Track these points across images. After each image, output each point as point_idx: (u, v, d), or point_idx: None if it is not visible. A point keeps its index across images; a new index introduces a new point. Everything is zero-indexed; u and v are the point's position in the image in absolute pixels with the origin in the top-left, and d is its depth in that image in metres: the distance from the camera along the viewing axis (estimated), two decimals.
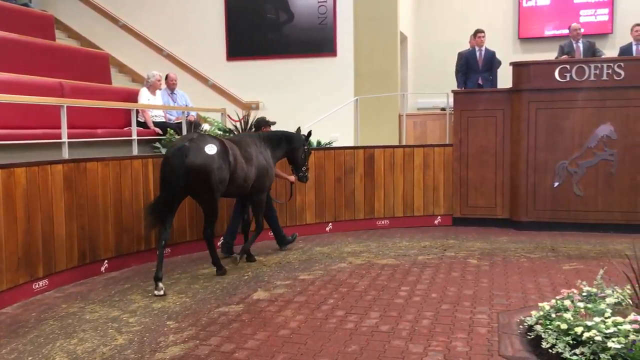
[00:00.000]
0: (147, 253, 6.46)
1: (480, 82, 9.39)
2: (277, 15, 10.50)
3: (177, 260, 6.60)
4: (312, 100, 10.06)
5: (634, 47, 9.03)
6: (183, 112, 7.87)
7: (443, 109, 9.64)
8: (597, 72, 7.83)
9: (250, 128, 7.85)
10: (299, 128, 6.95)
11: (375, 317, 4.47)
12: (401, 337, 4.05)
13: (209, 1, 10.71)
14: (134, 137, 6.74)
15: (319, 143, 8.23)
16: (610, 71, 7.80)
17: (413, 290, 5.19)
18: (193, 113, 8.27)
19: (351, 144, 9.18)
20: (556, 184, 8.06)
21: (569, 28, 9.48)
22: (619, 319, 3.58)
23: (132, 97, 7.94)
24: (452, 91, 8.89)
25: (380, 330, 4.19)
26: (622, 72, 7.75)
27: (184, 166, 5.38)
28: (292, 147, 6.77)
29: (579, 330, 3.51)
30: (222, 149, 5.68)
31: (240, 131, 7.87)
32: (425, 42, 12.92)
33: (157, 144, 7.14)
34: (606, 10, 12.14)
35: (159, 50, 10.84)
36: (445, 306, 4.73)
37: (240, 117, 8.26)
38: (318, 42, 10.25)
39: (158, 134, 7.45)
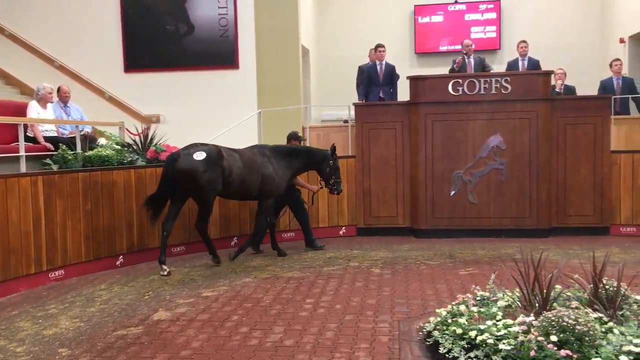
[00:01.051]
0: (37, 276, 6.07)
1: (381, 95, 9.66)
2: (176, 27, 10.31)
3: (71, 282, 6.25)
4: (214, 113, 9.95)
5: (520, 62, 9.65)
6: (77, 127, 7.50)
7: (346, 121, 9.82)
8: (487, 86, 8.29)
9: (151, 142, 7.68)
10: (333, 145, 7.44)
11: (279, 332, 4.44)
12: (305, 350, 4.05)
13: (105, 11, 10.35)
14: (22, 153, 6.33)
15: None
16: (498, 85, 8.28)
17: (318, 302, 5.22)
18: (88, 127, 7.91)
19: None
20: (452, 192, 8.42)
21: (461, 44, 9.97)
22: (509, 321, 3.77)
23: (21, 110, 7.46)
24: (354, 104, 9.09)
25: (284, 345, 4.17)
26: (509, 86, 8.25)
27: (173, 169, 6.44)
28: (313, 161, 7.36)
29: (472, 334, 3.66)
30: (214, 156, 6.52)
31: (140, 145, 7.67)
32: (327, 56, 13.15)
33: (48, 160, 6.75)
34: (494, 28, 12.92)
35: (50, 61, 10.31)
36: (349, 317, 4.78)
37: (140, 130, 8.02)
38: (220, 54, 10.17)
39: (49, 150, 7.05)
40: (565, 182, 8.33)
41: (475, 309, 4.11)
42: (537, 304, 3.98)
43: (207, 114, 9.98)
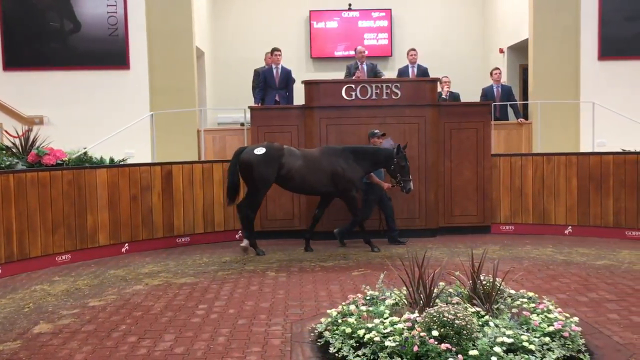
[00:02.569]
0: None
1: (277, 99, 9.71)
2: (61, 24, 9.78)
3: None
4: (104, 115, 9.56)
5: (410, 69, 10.05)
6: None
7: (243, 125, 9.77)
8: (378, 91, 8.56)
9: (32, 144, 7.31)
10: (398, 145, 7.61)
11: (170, 340, 4.34)
12: (196, 357, 3.99)
13: None
14: None
15: (112, 160, 7.83)
16: (389, 91, 8.57)
17: (211, 308, 5.15)
18: None
19: (148, 161, 8.88)
20: None
21: (354, 50, 10.24)
22: (396, 318, 3.92)
23: None
24: (249, 107, 9.07)
25: (174, 353, 4.08)
26: (399, 92, 8.57)
27: (237, 161, 7.48)
28: (378, 160, 7.70)
29: (361, 332, 3.77)
30: (274, 153, 7.40)
31: (20, 149, 7.24)
32: (223, 58, 13.03)
33: None
34: (386, 35, 13.38)
35: None
36: (242, 321, 4.76)
37: (20, 132, 7.56)
38: (109, 54, 9.77)
39: None
40: (451, 184, 8.76)
41: (364, 308, 4.24)
42: (421, 301, 4.17)
43: (95, 116, 9.57)
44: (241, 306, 5.19)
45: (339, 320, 4.06)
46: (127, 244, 7.81)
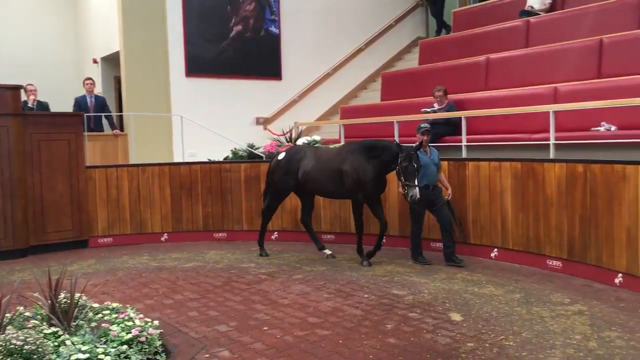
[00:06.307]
0: None
1: None
2: None
3: None
4: None
5: None
6: None
7: None
8: None
9: None
10: (397, 143, 6.67)
11: None
12: None
13: None
14: None
15: None
16: None
17: None
18: None
19: None
20: None
21: None
22: None
23: None
24: None
25: None
26: None
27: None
28: (385, 159, 6.52)
29: None
30: (291, 157, 7.18)
31: None
32: None
33: None
34: None
35: None
36: None
37: None
38: None
39: None
40: (42, 199, 8.20)
41: None
42: None
43: None
44: None
45: None
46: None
